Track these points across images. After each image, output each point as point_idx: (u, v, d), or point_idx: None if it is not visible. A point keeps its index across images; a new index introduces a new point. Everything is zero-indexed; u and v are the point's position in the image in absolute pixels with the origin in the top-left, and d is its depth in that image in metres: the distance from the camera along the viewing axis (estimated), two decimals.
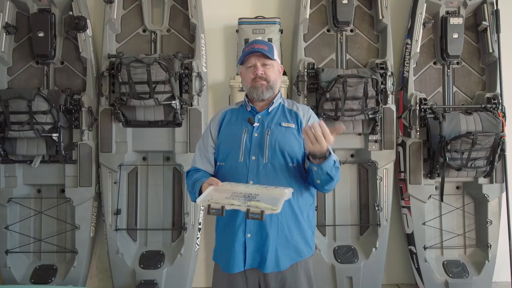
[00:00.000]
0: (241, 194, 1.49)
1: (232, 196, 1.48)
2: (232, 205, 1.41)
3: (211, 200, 1.45)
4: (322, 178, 1.61)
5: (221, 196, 1.48)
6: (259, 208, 1.38)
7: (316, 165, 1.57)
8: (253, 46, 1.76)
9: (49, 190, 3.26)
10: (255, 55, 1.75)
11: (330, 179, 1.62)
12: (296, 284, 1.72)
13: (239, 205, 1.41)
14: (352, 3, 3.23)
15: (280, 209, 1.39)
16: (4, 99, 2.89)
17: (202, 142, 1.85)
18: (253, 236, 1.67)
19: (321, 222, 3.27)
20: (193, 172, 1.80)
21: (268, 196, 1.47)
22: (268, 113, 1.79)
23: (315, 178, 1.63)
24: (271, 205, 1.39)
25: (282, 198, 1.45)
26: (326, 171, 1.58)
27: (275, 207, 1.38)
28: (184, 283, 3.11)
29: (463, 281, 3.14)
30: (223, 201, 1.44)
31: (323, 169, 1.57)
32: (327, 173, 1.59)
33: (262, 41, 1.84)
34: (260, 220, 1.39)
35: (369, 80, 2.99)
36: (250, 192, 1.51)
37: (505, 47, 3.28)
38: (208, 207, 1.42)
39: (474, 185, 3.24)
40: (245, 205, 1.40)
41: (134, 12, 3.35)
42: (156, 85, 2.95)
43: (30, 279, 3.08)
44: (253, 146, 1.72)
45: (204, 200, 1.47)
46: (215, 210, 1.41)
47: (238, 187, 1.56)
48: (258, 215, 1.37)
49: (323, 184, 1.64)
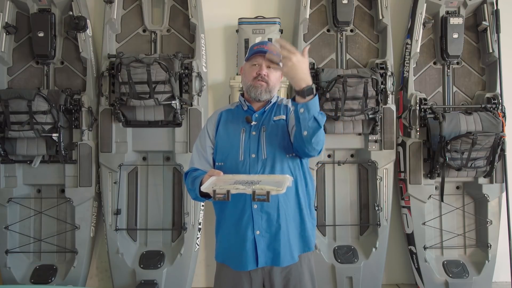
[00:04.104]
0: (244, 181, 1.51)
1: (235, 183, 1.49)
2: (237, 189, 1.42)
3: (215, 187, 1.45)
4: (309, 126, 1.53)
5: (225, 183, 1.49)
6: (264, 189, 1.38)
7: (304, 106, 1.51)
8: (263, 47, 1.77)
9: (49, 190, 3.26)
10: (262, 55, 1.76)
11: (317, 126, 1.54)
12: (300, 280, 1.74)
13: (244, 189, 1.41)
14: (352, 3, 3.23)
15: (285, 190, 1.39)
16: (4, 99, 2.89)
17: (200, 142, 1.86)
18: (262, 233, 1.69)
19: (321, 222, 3.27)
20: (191, 171, 1.81)
21: (271, 181, 1.49)
22: (264, 112, 1.81)
23: (302, 129, 1.55)
24: (276, 187, 1.40)
25: (286, 181, 1.46)
26: (313, 114, 1.52)
27: (280, 188, 1.39)
28: (184, 283, 3.12)
29: (463, 281, 3.14)
30: (228, 186, 1.44)
31: (310, 110, 1.52)
32: (314, 118, 1.53)
33: (273, 45, 1.85)
34: (267, 201, 1.38)
35: (369, 80, 2.99)
36: (252, 179, 1.53)
37: (505, 47, 3.28)
38: (213, 193, 1.42)
39: (474, 185, 3.24)
40: (251, 188, 1.40)
41: (134, 12, 3.35)
42: (156, 85, 2.95)
43: (30, 279, 3.08)
44: (252, 145, 1.74)
45: (208, 187, 1.47)
46: (221, 195, 1.41)
47: (240, 176, 1.58)
48: (264, 196, 1.37)
49: (310, 135, 1.55)
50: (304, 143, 1.59)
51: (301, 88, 1.51)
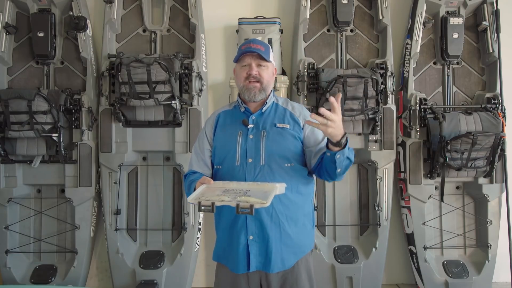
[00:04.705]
0: (233, 190, 1.51)
1: (223, 193, 1.49)
2: (222, 201, 1.42)
3: (202, 198, 1.46)
4: (343, 165, 1.62)
5: (213, 193, 1.50)
6: (249, 202, 1.39)
7: (341, 153, 1.57)
8: (249, 46, 1.74)
9: (49, 190, 3.26)
10: (251, 54, 1.73)
11: (350, 163, 1.64)
12: (298, 281, 1.73)
13: (229, 201, 1.42)
14: (352, 3, 3.23)
15: (270, 203, 1.39)
16: (4, 99, 2.89)
17: (198, 145, 1.85)
18: (255, 238, 1.68)
19: (321, 222, 3.27)
20: (189, 174, 1.81)
21: (259, 191, 1.49)
22: (262, 114, 1.79)
23: (338, 167, 1.62)
24: (261, 199, 1.40)
25: (272, 192, 1.45)
26: (347, 155, 1.60)
27: (264, 201, 1.39)
28: (184, 283, 3.11)
29: (463, 281, 3.14)
30: (213, 198, 1.45)
31: (345, 153, 1.59)
32: (347, 158, 1.61)
33: (259, 41, 1.82)
34: (250, 215, 1.40)
35: (369, 80, 2.99)
36: (242, 188, 1.52)
37: (505, 47, 3.28)
38: (198, 204, 1.43)
39: (474, 185, 3.24)
40: (235, 201, 1.41)
41: (134, 12, 3.35)
42: (156, 85, 2.94)
43: (30, 279, 3.08)
44: (249, 149, 1.71)
45: (195, 198, 1.48)
46: (205, 207, 1.42)
47: (230, 185, 1.58)
48: (248, 209, 1.38)
49: (344, 170, 1.64)
50: (336, 175, 1.67)
51: (338, 140, 1.55)
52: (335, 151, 1.58)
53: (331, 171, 1.65)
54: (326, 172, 1.68)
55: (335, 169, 1.62)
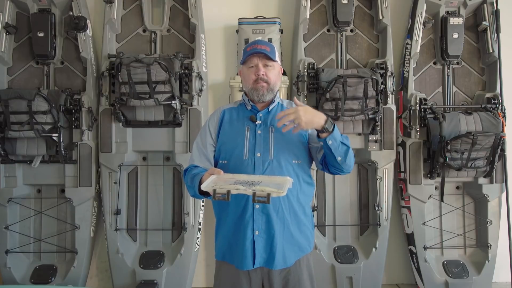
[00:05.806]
0: (244, 181, 1.50)
1: (236, 183, 1.48)
2: (238, 189, 1.41)
3: (216, 186, 1.44)
4: (340, 151, 1.66)
5: (225, 183, 1.48)
6: (265, 191, 1.38)
7: (331, 138, 1.62)
8: (255, 47, 1.76)
9: (49, 190, 3.26)
10: (257, 55, 1.75)
11: (347, 148, 1.68)
12: (299, 280, 1.74)
13: (244, 189, 1.41)
14: (352, 3, 3.23)
15: (286, 192, 1.40)
16: (4, 99, 2.89)
17: (200, 139, 1.85)
18: (261, 233, 1.69)
19: (321, 222, 3.28)
20: (191, 168, 1.80)
21: (271, 182, 1.49)
22: (269, 112, 1.81)
23: (336, 155, 1.66)
24: (277, 189, 1.40)
25: (287, 184, 1.46)
26: (339, 140, 1.65)
27: (281, 190, 1.39)
28: (184, 283, 3.12)
29: (463, 281, 3.14)
30: (228, 186, 1.44)
31: (337, 138, 1.64)
32: (341, 143, 1.66)
33: (264, 41, 1.85)
34: (267, 203, 1.39)
35: (369, 80, 2.99)
36: (253, 180, 1.52)
37: (505, 47, 3.28)
38: (213, 192, 1.41)
39: (474, 185, 3.24)
40: (251, 189, 1.40)
41: (134, 12, 3.35)
42: (156, 85, 2.95)
43: (30, 279, 3.08)
44: (258, 143, 1.73)
45: (208, 186, 1.46)
46: (221, 195, 1.40)
47: (241, 176, 1.58)
48: (265, 198, 1.37)
49: (344, 158, 1.68)
50: (340, 166, 1.71)
51: (322, 125, 1.60)
52: (325, 137, 1.63)
53: (333, 161, 1.70)
54: (331, 165, 1.73)
55: (335, 158, 1.67)
